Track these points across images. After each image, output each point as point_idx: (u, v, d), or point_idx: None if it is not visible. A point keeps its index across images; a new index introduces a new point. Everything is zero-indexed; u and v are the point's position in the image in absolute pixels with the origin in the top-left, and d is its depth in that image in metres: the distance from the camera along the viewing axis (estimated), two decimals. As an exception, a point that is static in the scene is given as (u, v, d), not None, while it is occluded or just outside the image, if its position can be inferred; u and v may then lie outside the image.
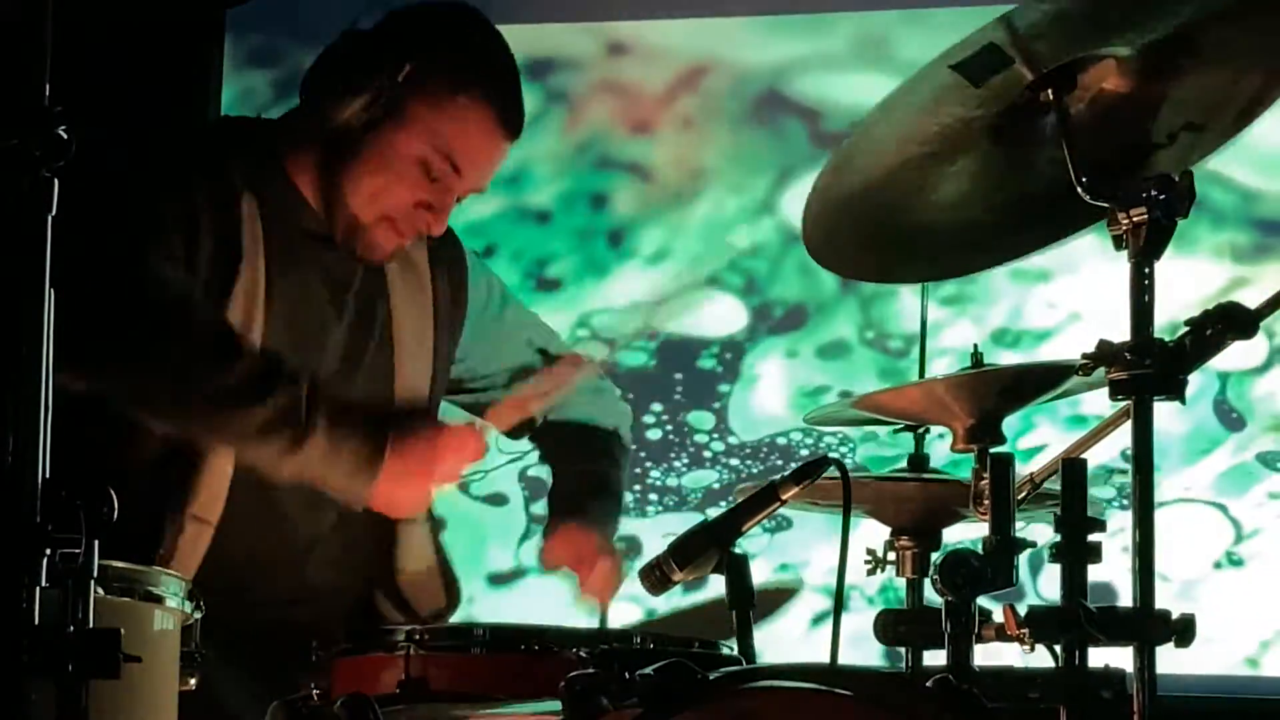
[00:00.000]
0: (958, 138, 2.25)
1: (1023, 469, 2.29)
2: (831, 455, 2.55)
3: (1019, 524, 2.24)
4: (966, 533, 2.54)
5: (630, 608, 3.40)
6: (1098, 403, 2.27)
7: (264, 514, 2.97)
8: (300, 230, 3.00)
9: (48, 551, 1.69)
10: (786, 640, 3.88)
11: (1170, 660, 2.10)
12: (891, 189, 2.31)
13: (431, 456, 2.94)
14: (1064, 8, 2.07)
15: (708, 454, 4.63)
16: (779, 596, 3.49)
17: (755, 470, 4.57)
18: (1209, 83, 2.21)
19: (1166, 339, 2.10)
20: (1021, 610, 2.12)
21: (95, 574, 1.73)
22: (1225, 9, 2.12)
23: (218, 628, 2.37)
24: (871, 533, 2.66)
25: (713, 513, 3.02)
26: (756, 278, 4.62)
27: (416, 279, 3.12)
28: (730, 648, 2.50)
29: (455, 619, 3.23)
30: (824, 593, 4.15)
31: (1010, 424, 2.44)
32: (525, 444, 3.47)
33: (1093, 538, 2.13)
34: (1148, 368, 2.08)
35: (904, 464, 2.68)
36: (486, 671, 2.37)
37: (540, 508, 3.65)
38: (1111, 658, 2.13)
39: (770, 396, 4.63)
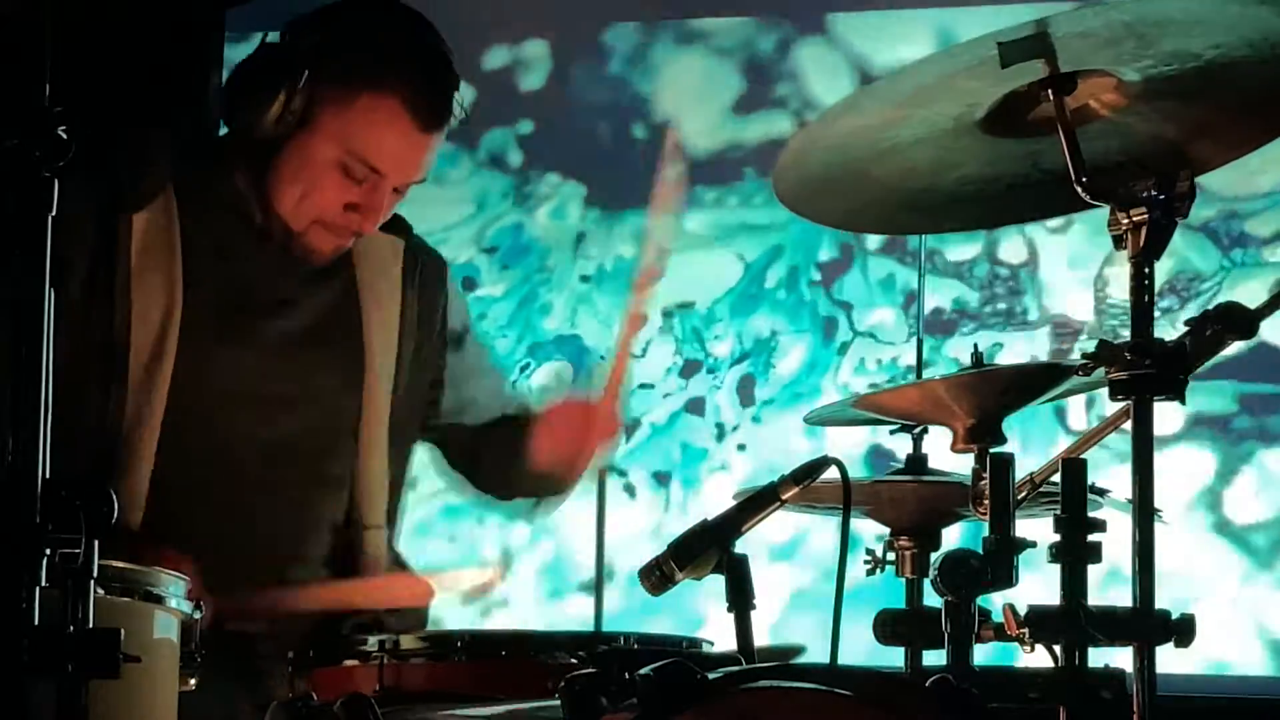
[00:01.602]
0: (951, 111, 2.26)
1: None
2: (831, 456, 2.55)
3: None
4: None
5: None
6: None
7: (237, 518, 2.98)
8: (250, 228, 3.01)
9: (48, 551, 1.69)
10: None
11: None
12: (868, 143, 2.31)
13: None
14: (1111, 23, 2.09)
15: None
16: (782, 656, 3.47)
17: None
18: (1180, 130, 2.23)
19: (1166, 339, 2.10)
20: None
21: (95, 574, 1.73)
22: (1237, 63, 2.13)
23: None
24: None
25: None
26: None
27: (384, 291, 3.13)
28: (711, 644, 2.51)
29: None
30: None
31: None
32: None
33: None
34: (1148, 368, 2.09)
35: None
36: (463, 678, 2.36)
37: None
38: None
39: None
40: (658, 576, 2.50)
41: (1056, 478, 2.21)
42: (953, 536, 2.64)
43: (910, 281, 4.54)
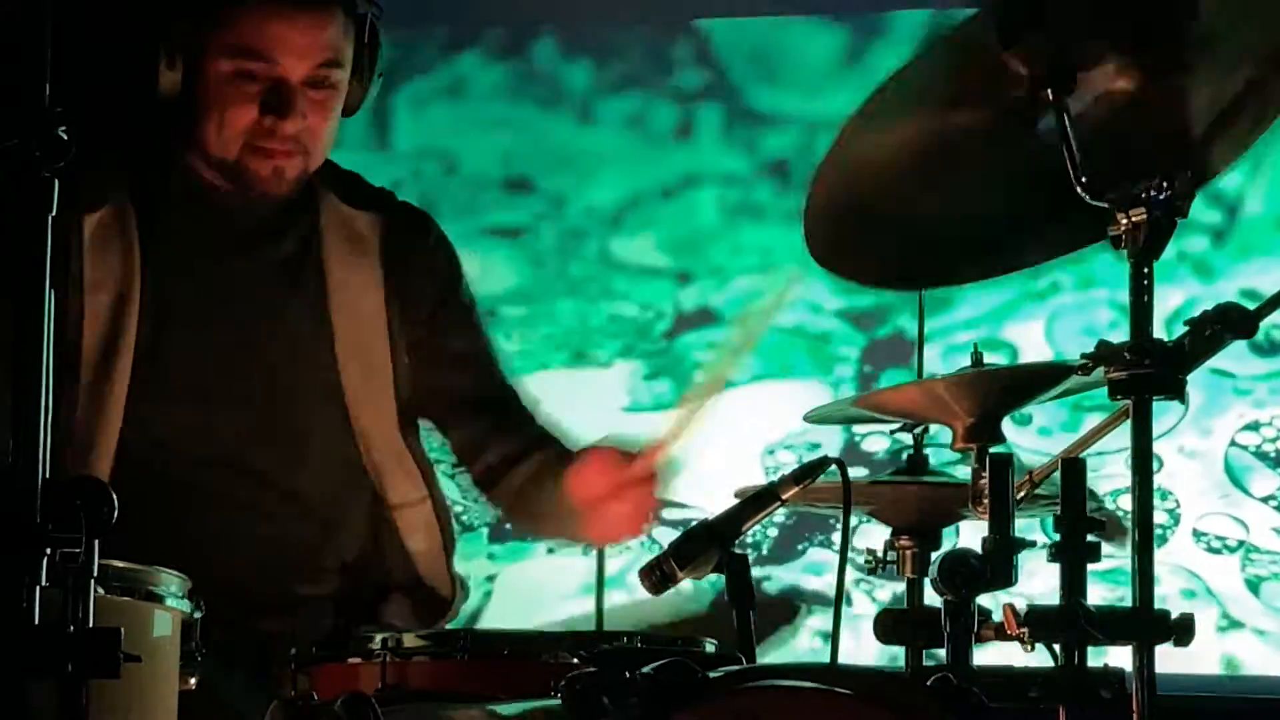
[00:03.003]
0: (954, 143, 2.25)
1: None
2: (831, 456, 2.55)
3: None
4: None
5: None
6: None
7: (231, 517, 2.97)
8: (213, 219, 3.01)
9: (48, 551, 1.69)
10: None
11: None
12: (891, 192, 2.30)
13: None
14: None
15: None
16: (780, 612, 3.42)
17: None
18: (1218, 84, 2.22)
19: (1166, 339, 2.10)
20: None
21: (95, 574, 1.73)
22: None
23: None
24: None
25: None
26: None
27: (363, 267, 3.09)
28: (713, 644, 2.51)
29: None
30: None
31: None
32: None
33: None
34: (1147, 368, 2.09)
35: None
36: (466, 677, 2.36)
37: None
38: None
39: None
40: (658, 576, 2.50)
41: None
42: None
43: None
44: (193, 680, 2.27)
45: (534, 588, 4.65)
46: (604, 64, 4.84)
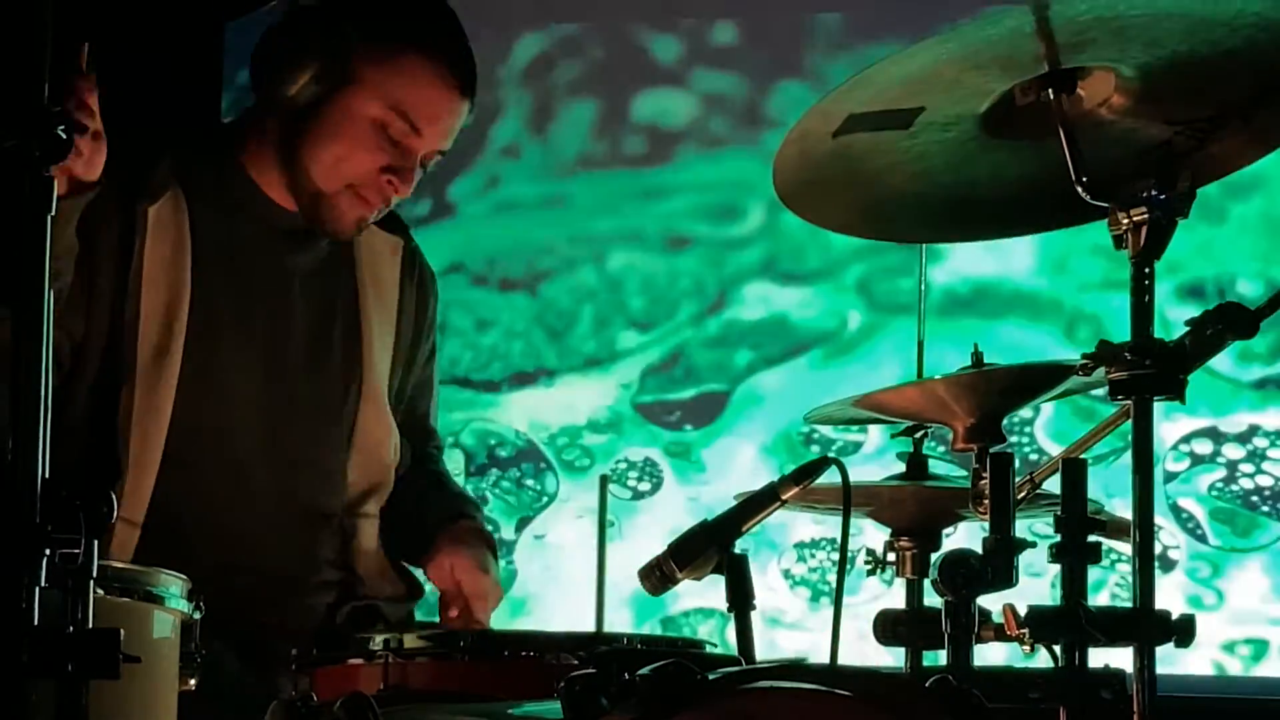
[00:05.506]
0: (954, 112, 2.25)
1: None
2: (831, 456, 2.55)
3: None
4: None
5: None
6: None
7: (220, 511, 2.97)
8: (255, 222, 3.01)
9: (48, 551, 1.69)
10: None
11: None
12: (872, 145, 2.30)
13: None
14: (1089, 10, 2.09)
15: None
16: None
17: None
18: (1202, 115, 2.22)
19: (1166, 339, 2.10)
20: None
21: (95, 574, 1.73)
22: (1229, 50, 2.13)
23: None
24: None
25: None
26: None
27: (382, 286, 3.14)
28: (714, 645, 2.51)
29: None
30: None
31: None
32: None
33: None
34: (1148, 368, 2.09)
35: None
36: (466, 678, 2.36)
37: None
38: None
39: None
40: (658, 577, 2.50)
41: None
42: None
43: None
44: (192, 681, 2.27)
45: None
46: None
